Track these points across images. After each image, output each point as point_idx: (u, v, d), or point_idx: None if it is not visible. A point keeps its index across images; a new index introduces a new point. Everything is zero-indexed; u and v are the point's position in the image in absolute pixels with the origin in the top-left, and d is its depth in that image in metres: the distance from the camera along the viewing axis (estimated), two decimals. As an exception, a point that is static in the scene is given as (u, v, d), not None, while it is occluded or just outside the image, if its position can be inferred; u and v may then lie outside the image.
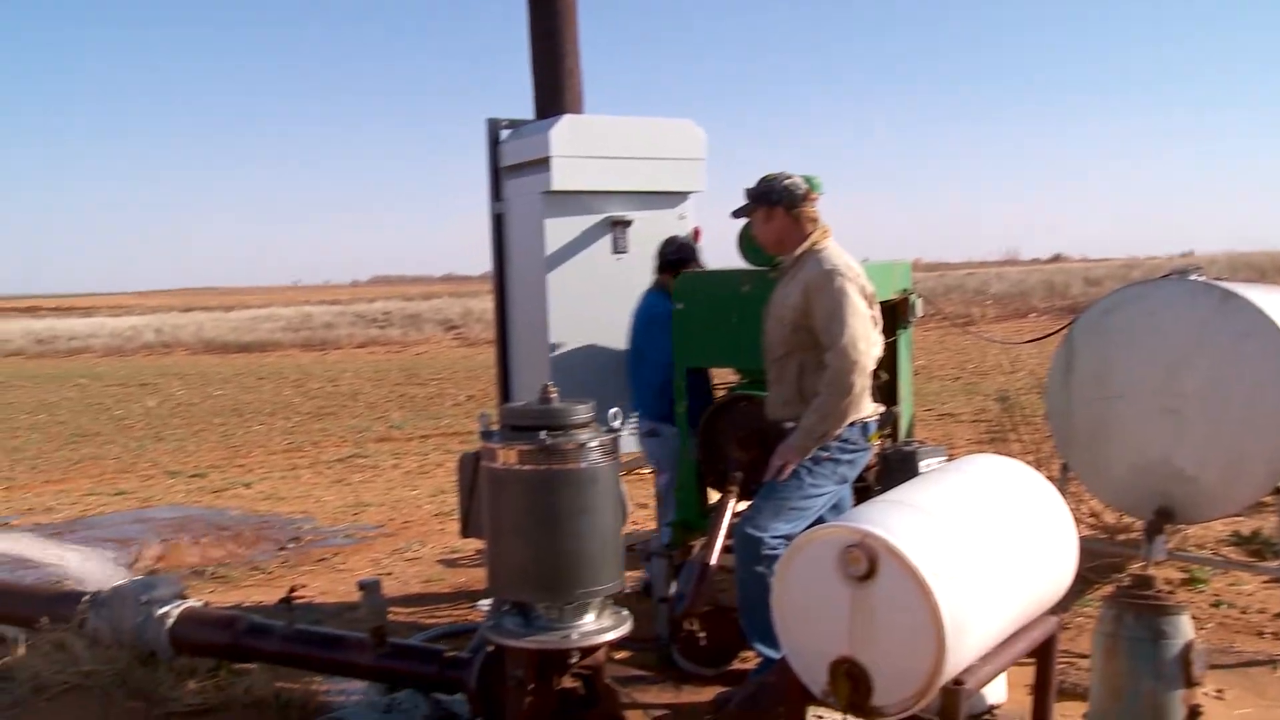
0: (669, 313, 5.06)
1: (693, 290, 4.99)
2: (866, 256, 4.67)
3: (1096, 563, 5.72)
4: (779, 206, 4.33)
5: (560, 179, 5.24)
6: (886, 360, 4.71)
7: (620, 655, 4.98)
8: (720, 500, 4.53)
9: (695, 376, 5.10)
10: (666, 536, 5.19)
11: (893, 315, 5.10)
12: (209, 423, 16.61)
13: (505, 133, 5.66)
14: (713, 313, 4.90)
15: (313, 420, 16.35)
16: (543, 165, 5.27)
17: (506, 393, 5.69)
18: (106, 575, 6.65)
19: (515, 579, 3.86)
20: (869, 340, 4.17)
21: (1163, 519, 5.21)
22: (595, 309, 5.42)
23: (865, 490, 4.65)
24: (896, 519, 3.10)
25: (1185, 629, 3.76)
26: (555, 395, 3.88)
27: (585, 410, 3.86)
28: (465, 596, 6.39)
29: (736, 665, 4.84)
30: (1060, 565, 3.59)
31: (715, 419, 4.85)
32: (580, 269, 5.40)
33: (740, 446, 4.61)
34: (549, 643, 3.81)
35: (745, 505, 4.41)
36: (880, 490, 4.39)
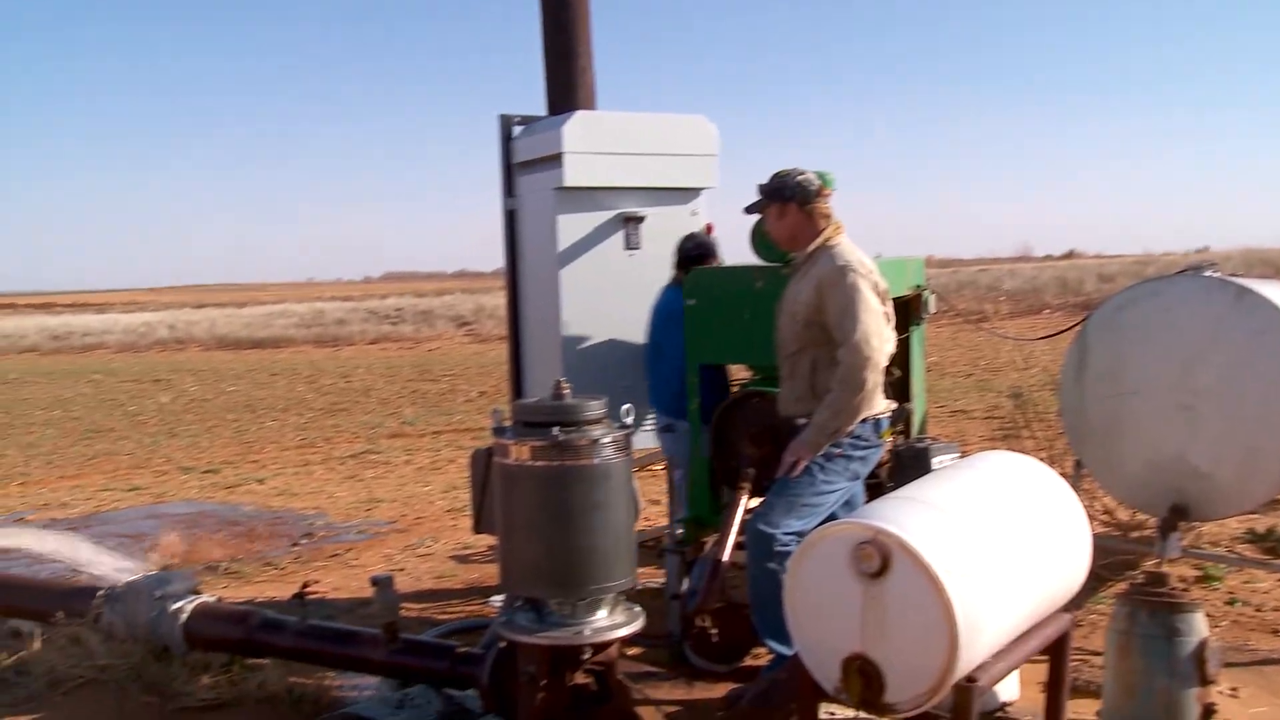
0: None
1: (705, 287, 4.98)
2: (879, 253, 4.66)
3: (1110, 560, 5.69)
4: (792, 202, 4.33)
5: (573, 175, 5.23)
6: (899, 357, 4.70)
7: (632, 651, 4.99)
8: (733, 497, 4.53)
9: (712, 373, 5.09)
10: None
11: (905, 311, 5.08)
12: (222, 419, 16.67)
13: (518, 129, 5.66)
14: (725, 309, 4.89)
15: (325, 416, 16.39)
16: (555, 161, 5.27)
17: (519, 389, 5.70)
18: (120, 570, 6.68)
19: (528, 575, 3.86)
20: (881, 337, 4.16)
21: (1177, 516, 5.19)
22: (608, 305, 5.42)
23: (878, 487, 4.64)
24: (909, 516, 3.09)
25: (1200, 627, 3.75)
26: (568, 391, 3.88)
27: (598, 406, 3.86)
28: (477, 592, 6.40)
29: (748, 662, 4.84)
30: (1074, 562, 3.58)
31: (728, 415, 4.85)
32: (593, 265, 5.39)
33: (752, 443, 4.61)
34: (561, 639, 3.82)
35: (758, 502, 4.41)
36: (893, 487, 4.38)
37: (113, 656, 5.00)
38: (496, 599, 5.86)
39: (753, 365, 5.08)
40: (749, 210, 4.55)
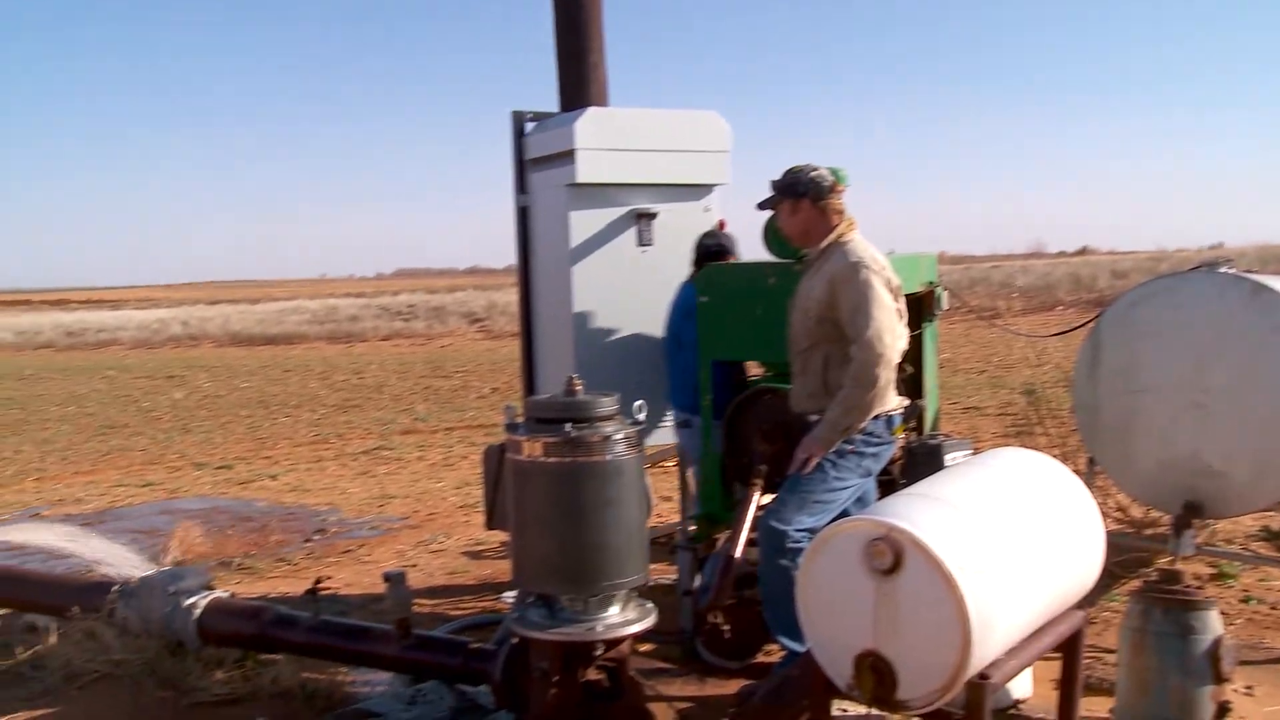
0: None
1: (718, 283, 4.98)
2: (892, 249, 4.66)
3: (1123, 557, 5.68)
4: (805, 199, 4.32)
5: (585, 171, 5.23)
6: (912, 353, 4.69)
7: (645, 648, 4.99)
8: (745, 493, 4.53)
9: (729, 370, 5.08)
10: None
11: (918, 308, 5.07)
12: (235, 415, 16.73)
13: (530, 125, 5.66)
14: (738, 305, 4.89)
15: (338, 412, 16.43)
16: (568, 158, 5.27)
17: (531, 385, 5.70)
18: (135, 566, 6.71)
19: (540, 571, 3.87)
20: (894, 333, 4.15)
21: (1191, 514, 5.17)
22: (620, 301, 5.42)
23: (890, 484, 4.64)
24: (922, 512, 3.09)
25: (1214, 624, 3.74)
26: (580, 388, 3.88)
27: (610, 403, 3.87)
28: (490, 589, 6.41)
29: (761, 658, 4.84)
30: (1087, 559, 3.57)
31: (740, 412, 4.85)
32: (605, 261, 5.39)
33: (765, 439, 4.61)
34: (574, 635, 3.82)
35: (770, 498, 4.41)
36: (905, 484, 4.37)
37: (128, 651, 5.02)
38: (509, 595, 5.87)
39: (765, 362, 5.07)
40: (762, 206, 4.55)
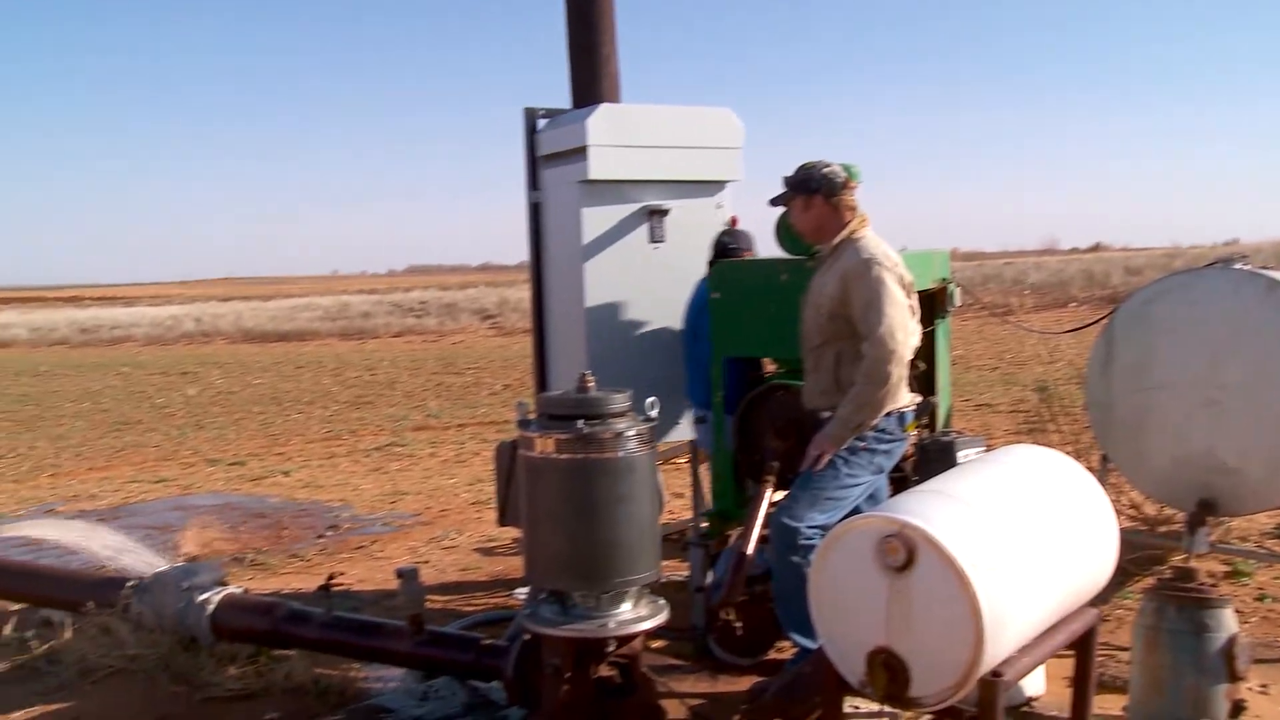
0: None
1: (730, 280, 4.98)
2: (905, 245, 4.64)
3: (1137, 555, 5.66)
4: (817, 195, 4.31)
5: (597, 168, 5.23)
6: (924, 350, 4.68)
7: (656, 644, 4.99)
8: (757, 490, 4.52)
9: (743, 366, 5.08)
10: None
11: (931, 304, 5.06)
12: (248, 411, 16.78)
13: (542, 122, 5.66)
14: (750, 302, 4.88)
15: (350, 409, 16.47)
16: (580, 154, 5.27)
17: (543, 382, 5.70)
18: (148, 561, 6.74)
19: (552, 568, 3.87)
20: (906, 330, 4.14)
21: (1205, 511, 5.15)
22: (632, 298, 5.42)
23: (902, 481, 4.63)
24: (935, 509, 3.08)
25: (1229, 622, 3.73)
26: (592, 384, 3.88)
27: (622, 399, 3.87)
28: (502, 585, 6.42)
29: (773, 655, 4.84)
30: (1100, 557, 3.56)
31: (752, 408, 4.84)
32: (617, 258, 5.39)
33: (777, 436, 4.60)
34: (586, 631, 3.83)
35: (782, 495, 4.40)
36: (918, 481, 4.36)
37: (142, 646, 5.05)
38: (521, 591, 5.88)
39: (777, 358, 5.07)
40: (774, 202, 4.54)
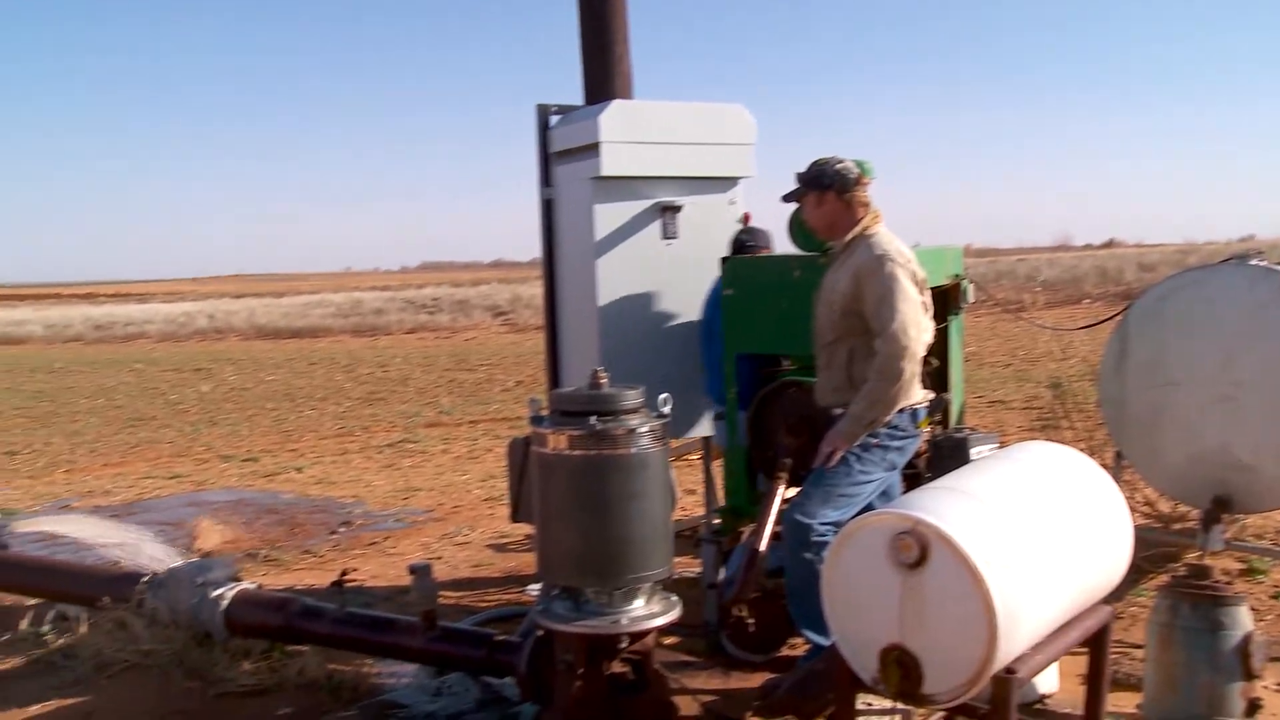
0: None
1: (743, 276, 4.97)
2: (918, 242, 4.63)
3: (1151, 552, 5.64)
4: (830, 191, 4.31)
5: (610, 164, 5.23)
6: (937, 346, 4.67)
7: (669, 641, 5.00)
8: (769, 486, 4.52)
9: (756, 362, 5.07)
10: None
11: (944, 301, 5.05)
12: (261, 407, 16.83)
13: (555, 118, 5.66)
14: (763, 298, 4.88)
15: (363, 405, 16.50)
16: (592, 151, 5.26)
17: (556, 378, 5.71)
18: (163, 557, 6.77)
19: (565, 564, 3.87)
20: (919, 326, 4.13)
21: (1220, 508, 5.13)
22: (645, 295, 5.42)
23: (915, 477, 4.62)
24: (948, 506, 3.08)
25: (1244, 620, 3.71)
26: (605, 381, 3.88)
27: (635, 396, 3.86)
28: (515, 581, 6.43)
29: (785, 652, 4.84)
30: (1114, 554, 3.55)
31: (765, 405, 4.84)
32: (630, 254, 5.39)
33: (789, 433, 4.60)
34: (598, 628, 3.83)
35: (795, 492, 4.40)
36: (931, 477, 4.36)
37: (156, 641, 5.07)
38: (534, 587, 5.88)
39: (790, 355, 5.06)
40: (787, 199, 4.53)
